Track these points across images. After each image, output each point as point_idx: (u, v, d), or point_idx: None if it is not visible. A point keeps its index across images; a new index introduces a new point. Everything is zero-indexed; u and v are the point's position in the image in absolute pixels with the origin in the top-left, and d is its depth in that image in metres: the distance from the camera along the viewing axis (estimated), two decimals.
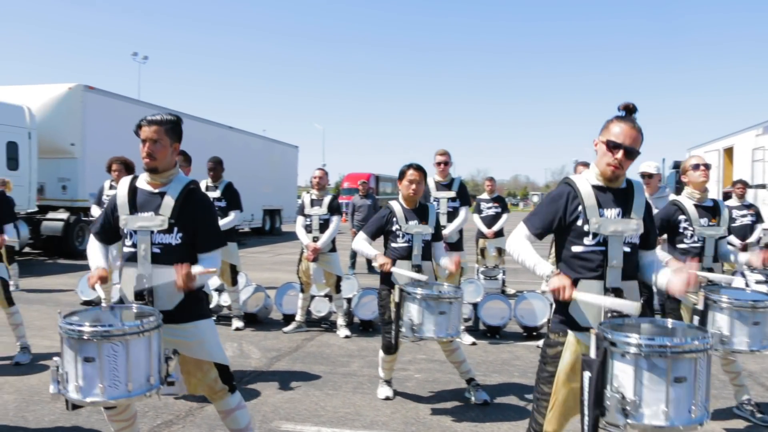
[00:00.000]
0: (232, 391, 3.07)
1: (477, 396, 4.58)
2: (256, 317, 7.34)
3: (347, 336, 6.66)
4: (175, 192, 2.94)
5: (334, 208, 6.81)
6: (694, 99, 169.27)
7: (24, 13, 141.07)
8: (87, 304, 8.07)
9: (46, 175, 13.93)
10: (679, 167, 4.46)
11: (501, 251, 9.53)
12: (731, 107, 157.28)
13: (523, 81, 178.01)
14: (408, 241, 4.50)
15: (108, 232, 3.09)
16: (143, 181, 3.01)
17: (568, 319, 2.63)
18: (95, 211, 7.54)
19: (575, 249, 2.65)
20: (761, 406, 4.28)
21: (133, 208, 2.94)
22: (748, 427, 4.16)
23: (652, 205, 5.31)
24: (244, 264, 7.98)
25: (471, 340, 6.42)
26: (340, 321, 6.83)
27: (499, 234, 9.50)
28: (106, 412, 3.00)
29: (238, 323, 6.97)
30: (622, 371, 2.25)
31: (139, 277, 2.88)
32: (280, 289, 7.62)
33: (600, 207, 2.63)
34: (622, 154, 2.58)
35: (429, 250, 4.56)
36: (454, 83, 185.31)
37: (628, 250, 2.64)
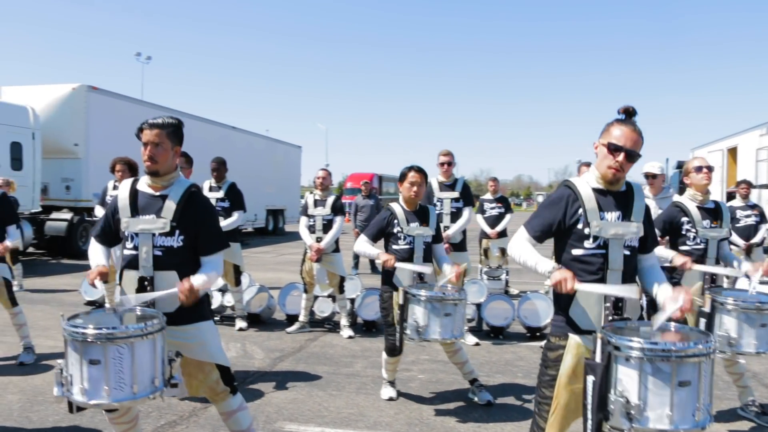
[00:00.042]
0: (233, 392, 3.07)
1: (480, 397, 4.57)
2: (259, 317, 7.34)
3: (350, 336, 6.66)
4: (176, 195, 2.94)
5: (338, 208, 6.82)
6: (697, 99, 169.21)
7: (28, 14, 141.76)
8: (90, 304, 8.09)
9: (49, 175, 13.98)
10: (682, 167, 4.46)
11: (504, 251, 9.51)
12: (735, 107, 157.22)
13: (525, 81, 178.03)
14: (409, 243, 4.50)
15: (109, 235, 3.09)
16: (144, 184, 3.02)
17: (569, 322, 2.63)
18: (99, 211, 7.54)
19: (575, 252, 2.64)
20: (765, 408, 4.27)
21: (135, 211, 2.94)
22: (753, 428, 4.15)
23: (656, 205, 5.38)
24: (247, 264, 7.99)
25: (474, 340, 6.42)
26: (344, 321, 6.83)
27: (502, 234, 9.49)
28: (108, 415, 3.00)
29: (241, 323, 6.98)
30: (626, 375, 2.24)
31: (141, 279, 2.89)
32: (284, 289, 7.63)
33: (601, 210, 2.62)
34: (623, 156, 2.58)
35: (430, 252, 4.57)
36: (457, 83, 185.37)
37: (628, 253, 2.64)
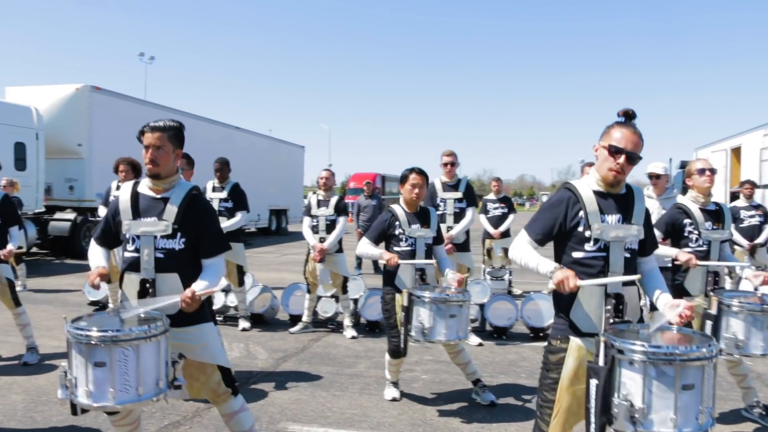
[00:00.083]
0: (234, 393, 3.08)
1: (484, 397, 4.57)
2: (262, 318, 7.35)
3: (354, 337, 6.66)
4: (178, 198, 2.96)
5: (341, 208, 6.82)
6: (701, 98, 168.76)
7: (31, 14, 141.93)
8: (94, 304, 8.11)
9: (53, 175, 14.03)
10: (685, 167, 4.47)
11: (507, 252, 9.51)
12: (739, 107, 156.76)
13: (528, 80, 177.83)
14: (411, 244, 4.49)
15: (109, 237, 3.11)
16: (145, 187, 3.03)
17: (570, 325, 2.62)
18: (102, 211, 7.54)
19: (576, 255, 2.64)
20: None
21: (136, 214, 2.95)
22: (757, 430, 4.14)
23: (660, 206, 5.37)
24: (250, 264, 7.99)
25: (478, 341, 6.42)
26: (347, 322, 6.83)
27: (505, 234, 9.50)
28: (110, 417, 3.00)
29: (244, 324, 6.99)
30: (630, 379, 2.24)
31: (142, 282, 2.89)
32: (287, 289, 7.63)
33: (602, 213, 2.62)
34: (624, 159, 2.58)
35: (431, 254, 4.57)
36: (460, 83, 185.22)
37: (628, 255, 2.64)
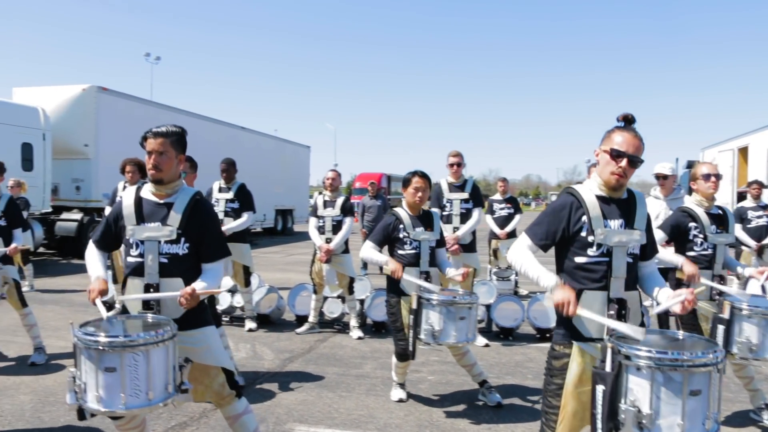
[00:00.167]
0: (238, 396, 3.09)
1: (490, 398, 4.56)
2: (269, 318, 7.36)
3: (360, 337, 6.66)
4: (182, 203, 2.97)
5: (347, 209, 6.82)
6: (708, 98, 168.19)
7: (38, 15, 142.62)
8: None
9: (60, 175, 14.06)
10: (692, 167, 4.45)
11: None
12: (746, 106, 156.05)
13: (533, 80, 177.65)
14: (415, 248, 4.48)
15: (108, 240, 3.11)
16: (148, 192, 3.04)
17: (573, 330, 2.62)
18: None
19: (578, 260, 2.64)
20: None
21: (140, 219, 2.96)
22: None
23: (668, 206, 5.35)
24: (256, 264, 8.00)
25: (484, 341, 6.40)
26: (353, 322, 6.84)
27: (512, 235, 9.47)
28: (115, 422, 3.01)
29: (251, 324, 7.00)
30: (637, 385, 2.24)
31: (146, 287, 2.91)
32: (293, 290, 7.64)
33: (605, 218, 2.63)
34: (626, 162, 2.58)
35: (434, 257, 4.56)
36: (466, 83, 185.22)
37: (631, 260, 2.64)
